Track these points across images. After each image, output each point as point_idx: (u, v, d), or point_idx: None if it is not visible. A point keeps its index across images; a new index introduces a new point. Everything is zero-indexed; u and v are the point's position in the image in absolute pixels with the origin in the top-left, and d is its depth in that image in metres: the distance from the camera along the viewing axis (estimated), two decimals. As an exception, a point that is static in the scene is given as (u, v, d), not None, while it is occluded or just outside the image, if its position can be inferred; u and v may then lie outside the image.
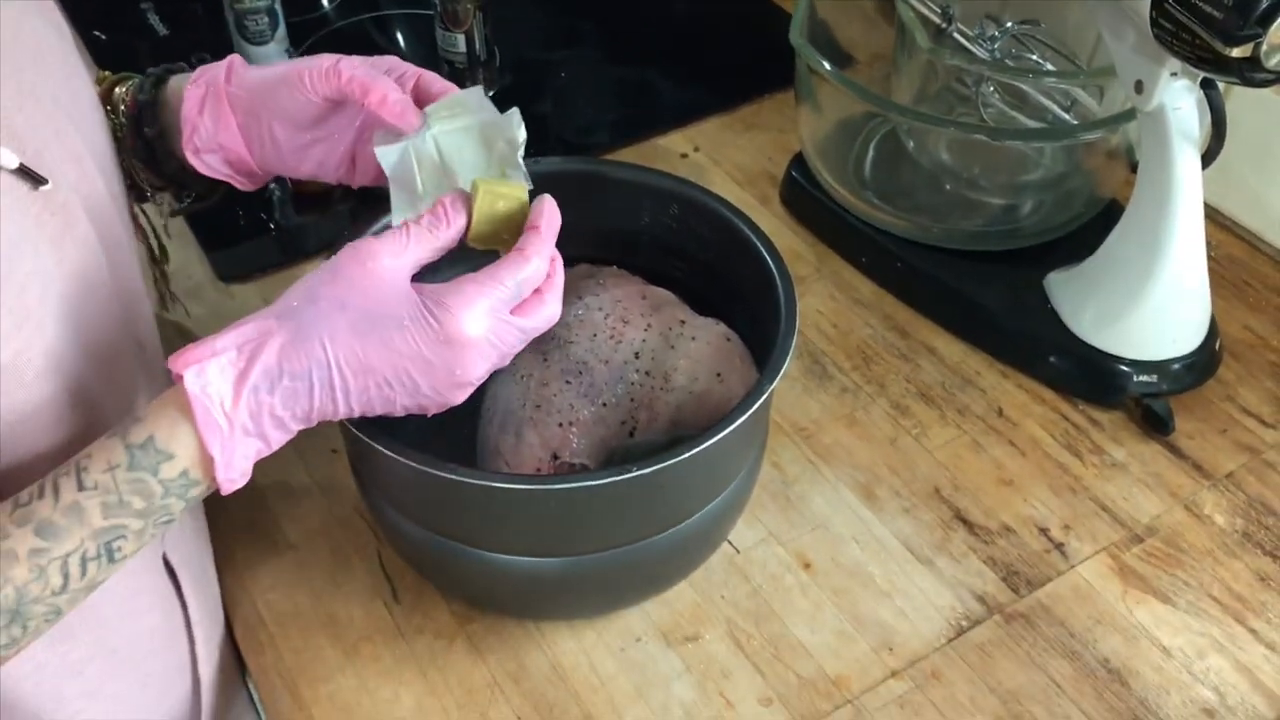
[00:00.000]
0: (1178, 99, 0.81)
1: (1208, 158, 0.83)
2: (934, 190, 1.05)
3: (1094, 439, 0.90)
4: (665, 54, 1.29)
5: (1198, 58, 0.72)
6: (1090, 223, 1.00)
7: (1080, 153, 1.02)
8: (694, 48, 1.30)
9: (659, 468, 0.63)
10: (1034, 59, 0.99)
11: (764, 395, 0.66)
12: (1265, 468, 0.88)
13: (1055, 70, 0.99)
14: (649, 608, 0.79)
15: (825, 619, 0.79)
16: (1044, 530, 0.84)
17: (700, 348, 0.76)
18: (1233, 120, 0.81)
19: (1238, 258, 1.03)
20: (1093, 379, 0.91)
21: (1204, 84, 0.80)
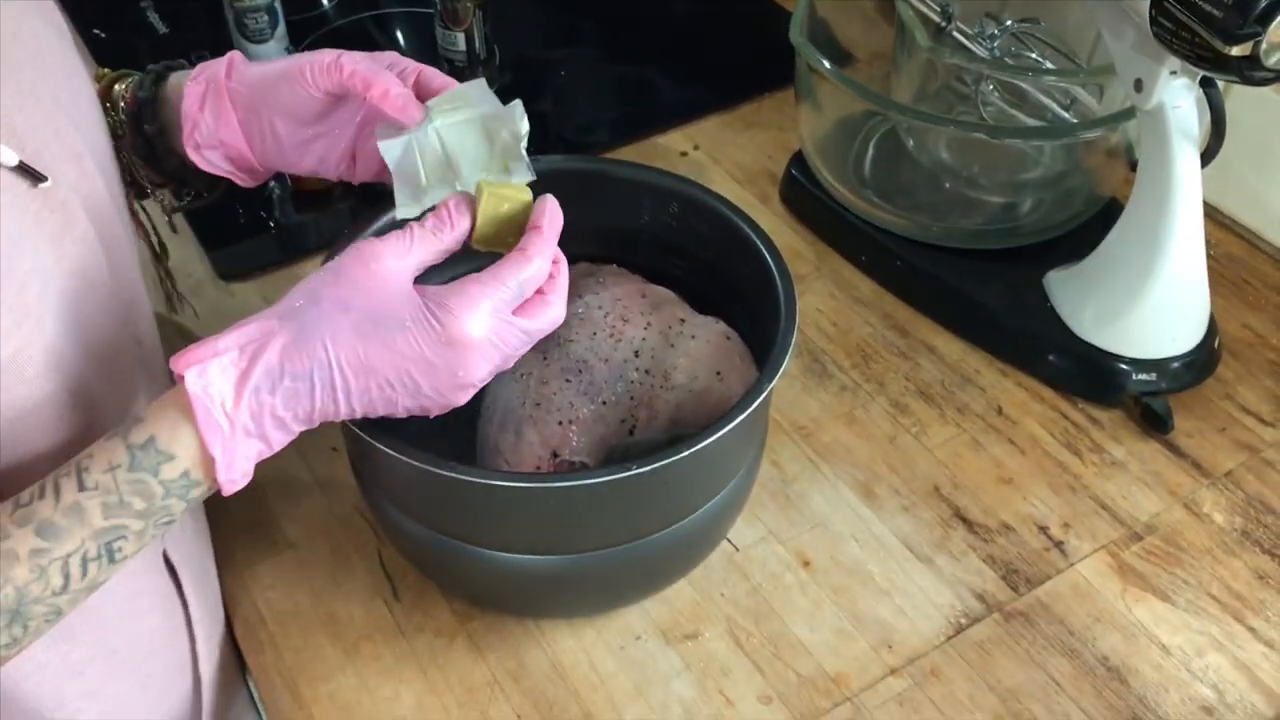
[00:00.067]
0: (1177, 97, 0.81)
1: (1207, 156, 0.83)
2: (934, 189, 1.05)
3: (1093, 437, 0.90)
4: (665, 52, 1.29)
5: (1197, 56, 0.72)
6: (1090, 221, 1.00)
7: (1080, 151, 1.02)
8: (694, 46, 1.30)
9: (659, 466, 0.63)
10: (1033, 57, 0.99)
11: (763, 393, 0.66)
12: (1264, 466, 0.88)
13: (1055, 69, 0.99)
14: (649, 606, 0.79)
15: (825, 617, 0.79)
16: (1043, 528, 0.84)
17: (700, 346, 0.76)
18: (1232, 119, 0.81)
19: (1237, 256, 1.04)
20: (1092, 377, 0.92)
21: (1203, 82, 0.80)
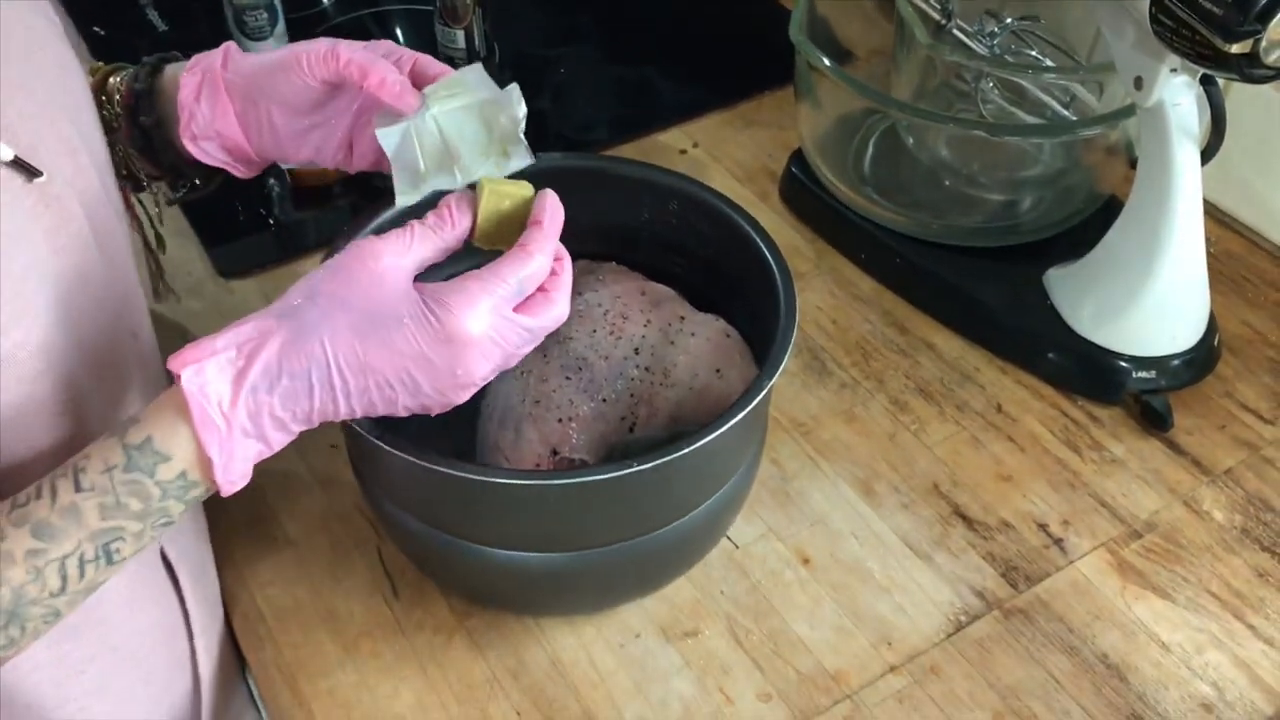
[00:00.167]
0: (1177, 95, 0.81)
1: (1207, 154, 0.83)
2: (933, 186, 1.05)
3: (1093, 435, 0.90)
4: (665, 50, 1.29)
5: (1197, 54, 0.72)
6: (1089, 219, 1.00)
7: (1079, 149, 1.02)
8: (694, 44, 1.30)
9: (658, 463, 0.63)
10: (1033, 55, 0.99)
11: (763, 391, 0.66)
12: (1264, 464, 0.88)
13: (1055, 66, 0.99)
14: (648, 603, 0.79)
15: (824, 614, 0.79)
16: (1043, 526, 0.84)
17: (700, 344, 0.76)
18: (1232, 116, 0.81)
19: (1236, 254, 1.04)
20: (1092, 375, 0.92)
21: (1203, 80, 0.80)
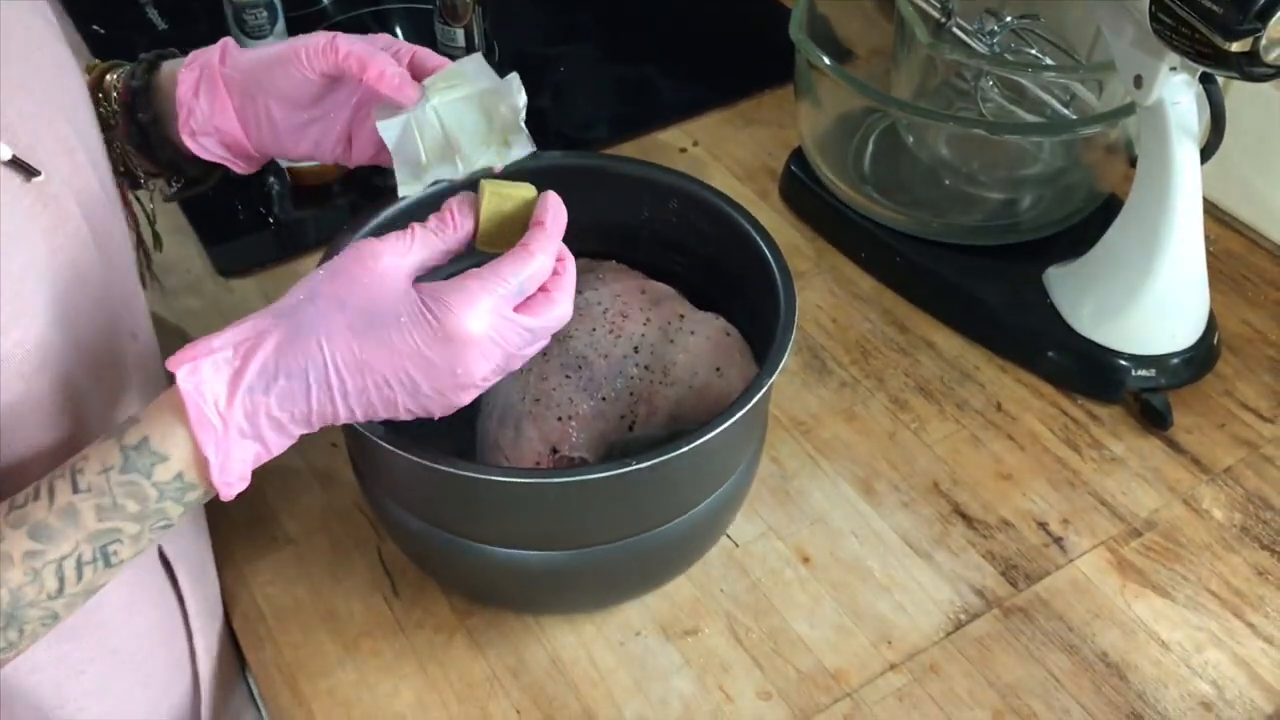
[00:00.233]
0: (1177, 94, 0.81)
1: (1207, 152, 0.83)
2: (933, 185, 1.05)
3: (1093, 433, 0.90)
4: (665, 49, 1.29)
5: (1197, 52, 0.72)
6: (1089, 217, 1.00)
7: (1079, 147, 1.02)
8: (693, 42, 1.30)
9: (658, 462, 0.63)
10: (1033, 54, 0.99)
11: (763, 389, 0.66)
12: (1263, 462, 0.88)
13: (1054, 65, 0.99)
14: (648, 602, 0.79)
15: (824, 613, 0.79)
16: (1043, 524, 0.84)
17: (699, 342, 0.76)
18: (1232, 115, 0.81)
19: (1236, 252, 1.04)
20: (1091, 374, 0.92)
21: (1203, 79, 0.80)
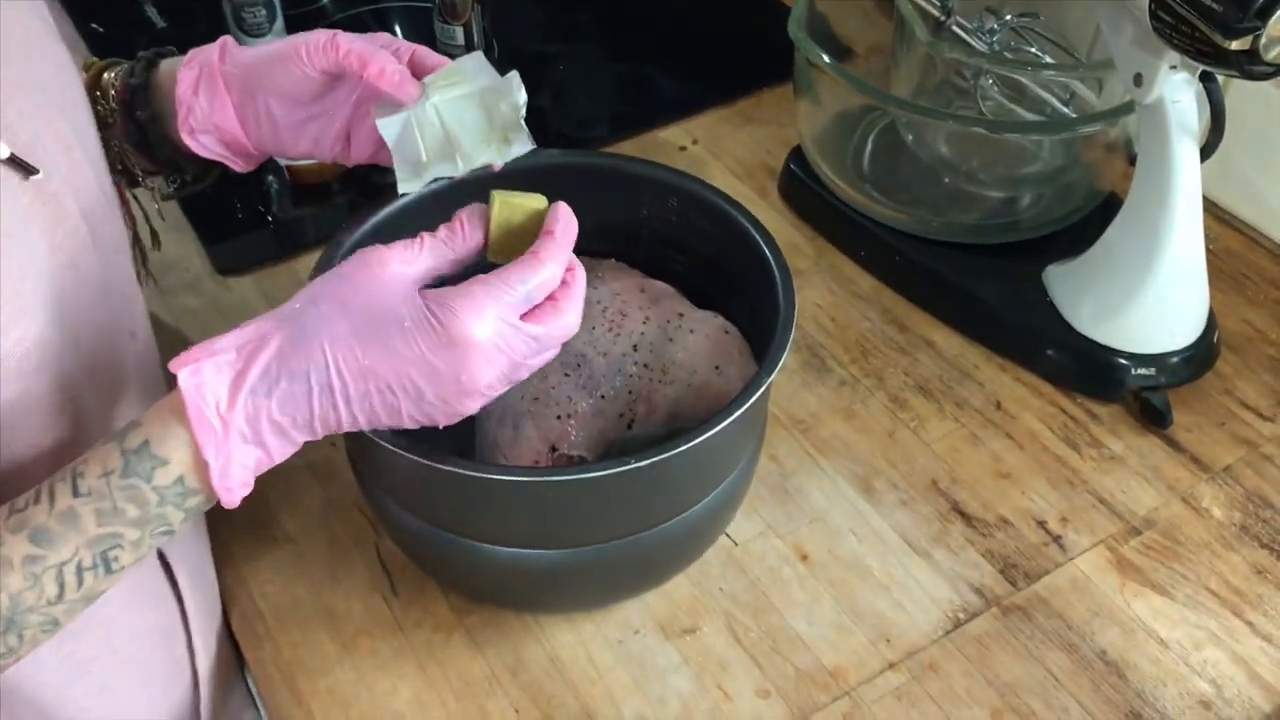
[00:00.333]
0: (1177, 92, 0.81)
1: (1206, 151, 0.83)
2: (933, 183, 1.05)
3: (1092, 432, 0.90)
4: (664, 47, 1.29)
5: (1197, 51, 0.72)
6: (1089, 216, 1.00)
7: (1079, 146, 1.02)
8: (693, 40, 1.30)
9: (657, 460, 0.63)
10: (1033, 52, 0.99)
11: (762, 388, 0.66)
12: (1263, 461, 0.88)
13: (1054, 63, 0.99)
14: (647, 600, 0.79)
15: (823, 611, 0.79)
16: (1042, 523, 0.84)
17: (699, 340, 0.76)
18: (1232, 113, 0.81)
19: (1236, 251, 1.03)
20: (1091, 372, 0.91)
21: (1203, 77, 0.80)
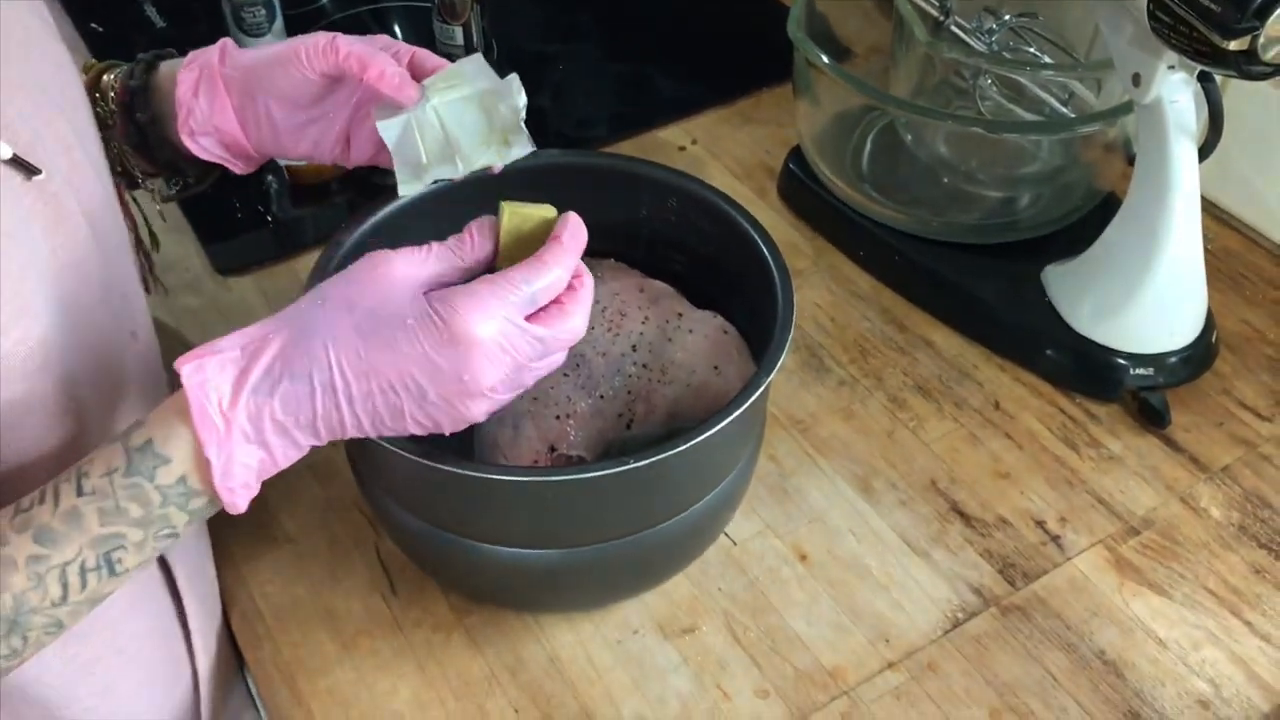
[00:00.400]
0: (1175, 92, 0.81)
1: (1205, 151, 0.83)
2: (932, 183, 1.05)
3: (1091, 432, 0.90)
4: (663, 47, 1.29)
5: (1195, 51, 0.72)
6: (1088, 216, 1.00)
7: (1078, 146, 1.02)
8: (692, 41, 1.30)
9: (656, 460, 0.63)
10: (1031, 52, 0.99)
11: (761, 388, 0.66)
12: (1261, 461, 0.88)
13: (1053, 63, 0.99)
14: (646, 600, 0.79)
15: (822, 611, 0.79)
16: (1040, 523, 0.84)
17: (698, 340, 0.76)
18: (1230, 113, 0.81)
19: (1234, 251, 1.04)
20: (1089, 372, 0.92)
21: (1201, 77, 0.80)
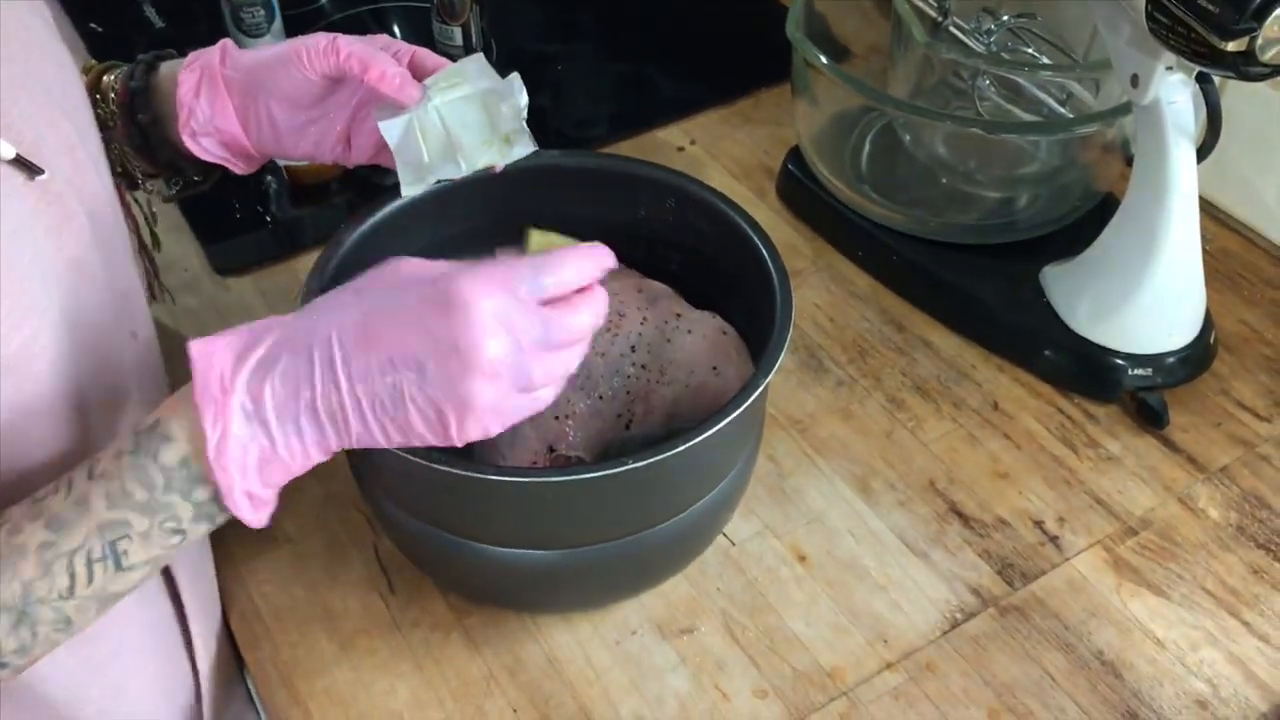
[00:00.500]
0: (1173, 93, 0.81)
1: (1203, 151, 0.83)
2: (930, 184, 1.05)
3: (1089, 432, 0.90)
4: (662, 47, 1.29)
5: (1193, 52, 0.72)
6: (1086, 216, 1.00)
7: (1076, 146, 1.02)
8: (691, 41, 1.30)
9: (654, 461, 0.63)
10: (1030, 53, 0.99)
11: (760, 388, 0.66)
12: (1259, 461, 0.88)
13: (1051, 64, 0.99)
14: (645, 600, 0.79)
15: (820, 611, 0.79)
16: (1039, 523, 0.84)
17: (696, 341, 0.76)
18: (1228, 114, 0.81)
19: (1233, 251, 1.04)
20: (1088, 373, 0.92)
21: (1199, 78, 0.81)
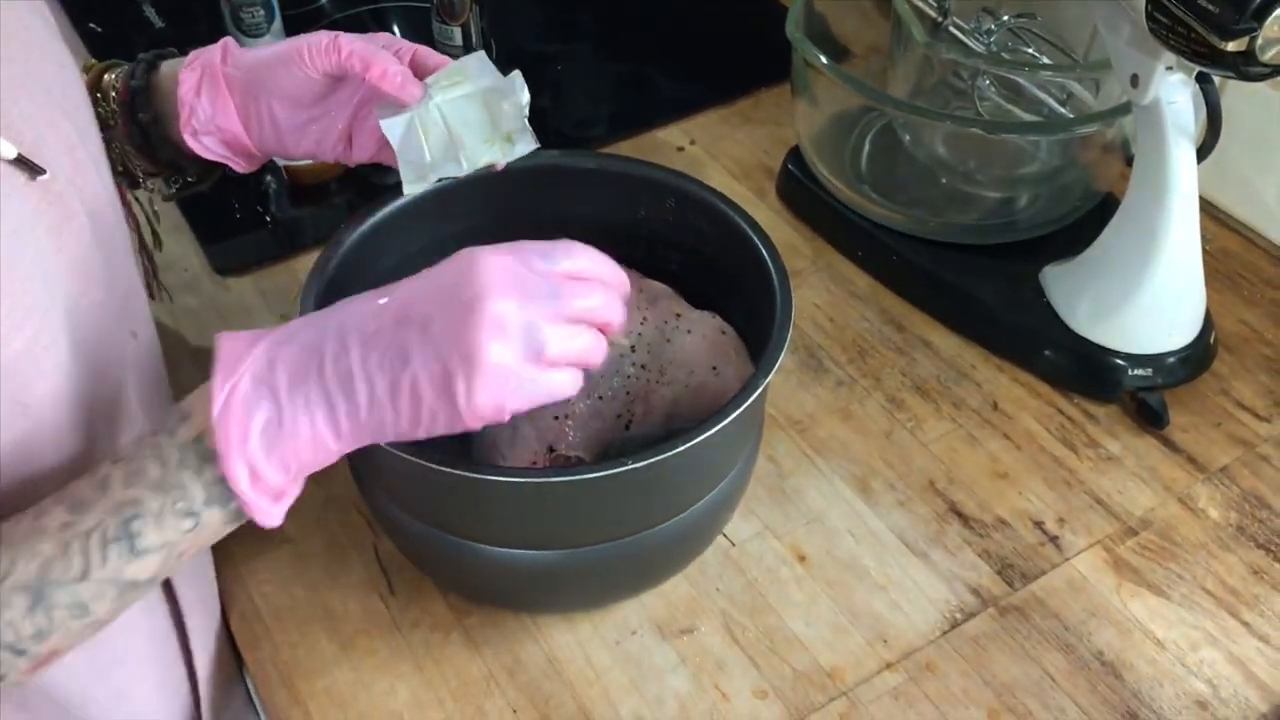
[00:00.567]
0: (1173, 93, 0.81)
1: (1203, 151, 0.83)
2: (930, 184, 1.05)
3: (1089, 432, 0.90)
4: (662, 47, 1.29)
5: (1193, 52, 0.72)
6: (1086, 216, 1.00)
7: (1076, 146, 1.02)
8: (691, 41, 1.30)
9: (654, 461, 0.63)
10: (1030, 53, 0.99)
11: (759, 388, 0.66)
12: (1259, 461, 0.88)
13: (1051, 64, 0.99)
14: (644, 601, 0.79)
15: (820, 612, 0.79)
16: (1038, 523, 0.84)
17: (696, 341, 0.76)
18: (1228, 114, 0.81)
19: (1233, 251, 1.04)
20: (1088, 373, 0.92)
21: (1199, 78, 0.81)
